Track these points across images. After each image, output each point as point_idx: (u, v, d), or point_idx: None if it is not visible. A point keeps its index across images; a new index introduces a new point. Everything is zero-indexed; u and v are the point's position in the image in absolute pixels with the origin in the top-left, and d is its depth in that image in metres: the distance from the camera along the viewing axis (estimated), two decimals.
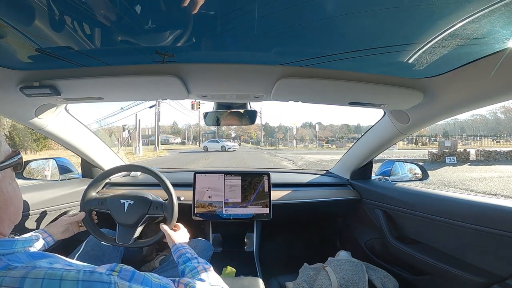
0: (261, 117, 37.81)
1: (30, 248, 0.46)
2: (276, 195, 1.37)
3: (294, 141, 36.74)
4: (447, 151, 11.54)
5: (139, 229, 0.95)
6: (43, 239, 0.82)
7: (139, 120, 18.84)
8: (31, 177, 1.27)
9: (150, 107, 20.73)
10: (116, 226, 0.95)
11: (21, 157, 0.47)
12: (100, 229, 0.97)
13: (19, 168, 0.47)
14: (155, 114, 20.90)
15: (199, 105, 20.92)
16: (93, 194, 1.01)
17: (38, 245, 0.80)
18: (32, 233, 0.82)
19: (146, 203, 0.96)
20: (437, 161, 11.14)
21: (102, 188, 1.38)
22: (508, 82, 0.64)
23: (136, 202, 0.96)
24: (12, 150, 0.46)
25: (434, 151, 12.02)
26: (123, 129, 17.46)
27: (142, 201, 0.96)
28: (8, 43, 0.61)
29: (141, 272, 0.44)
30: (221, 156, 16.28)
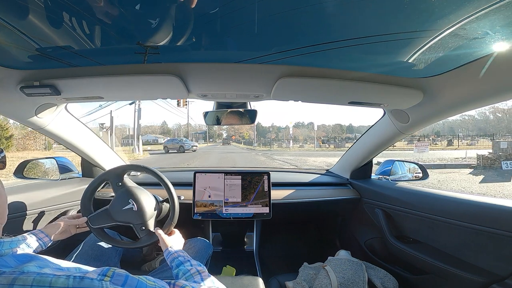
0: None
1: (17, 249, 0.45)
2: (276, 194, 1.37)
3: (291, 141, 32.10)
4: (501, 154, 9.03)
5: (112, 225, 0.94)
6: (39, 239, 0.80)
7: (112, 117, 15.67)
8: (31, 177, 1.28)
9: (130, 104, 17.80)
10: (102, 208, 0.95)
11: (4, 156, 0.46)
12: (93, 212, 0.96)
13: (2, 166, 0.46)
14: (135, 111, 17.73)
15: (186, 102, 19.52)
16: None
17: (34, 245, 0.78)
18: (26, 234, 0.80)
19: (144, 217, 0.94)
20: (491, 166, 8.71)
21: (102, 187, 1.38)
22: (507, 82, 0.64)
23: (138, 211, 0.94)
24: None
25: (486, 154, 9.42)
26: (100, 128, 15.59)
27: (143, 213, 0.94)
28: (8, 42, 0.61)
29: (134, 276, 0.42)
30: (209, 157, 14.73)
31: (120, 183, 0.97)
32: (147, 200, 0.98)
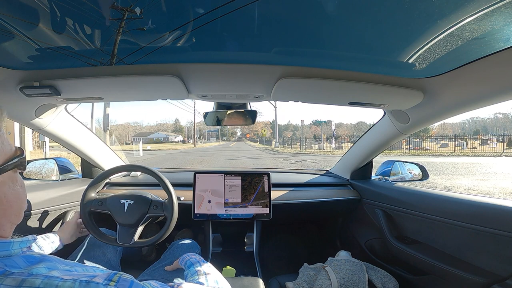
0: (276, 107, 27.14)
1: (27, 249, 0.45)
2: (276, 195, 1.36)
3: (333, 141, 23.51)
4: None
5: (139, 229, 0.95)
6: (52, 242, 0.84)
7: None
8: (30, 177, 1.27)
9: None
10: (117, 227, 0.95)
11: (24, 157, 0.45)
12: (100, 230, 0.97)
13: (23, 168, 0.45)
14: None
15: None
16: (93, 194, 1.01)
17: (46, 249, 0.82)
18: (39, 236, 0.83)
19: (146, 202, 0.96)
20: None
21: (102, 188, 1.38)
22: (508, 82, 0.64)
23: (136, 202, 0.96)
24: (15, 148, 0.43)
25: None
26: None
27: (142, 200, 0.96)
28: (8, 43, 0.61)
29: (139, 282, 0.43)
30: (206, 164, 10.25)
31: (99, 202, 0.98)
32: (130, 191, 1.03)
